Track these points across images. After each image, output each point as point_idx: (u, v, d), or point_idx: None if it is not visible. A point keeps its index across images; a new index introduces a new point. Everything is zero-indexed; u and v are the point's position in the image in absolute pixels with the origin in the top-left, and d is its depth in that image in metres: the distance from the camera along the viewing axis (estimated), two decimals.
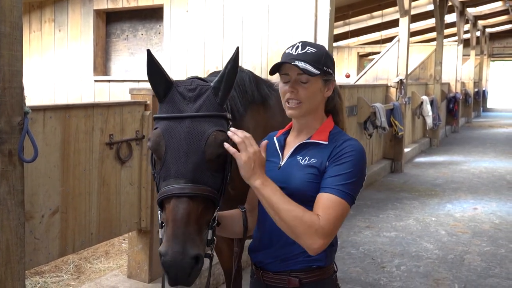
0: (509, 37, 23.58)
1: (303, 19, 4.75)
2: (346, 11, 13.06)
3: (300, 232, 1.61)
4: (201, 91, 1.73)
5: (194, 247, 1.57)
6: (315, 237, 1.60)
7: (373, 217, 6.14)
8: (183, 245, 1.56)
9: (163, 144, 1.67)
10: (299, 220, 1.60)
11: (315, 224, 1.60)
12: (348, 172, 1.69)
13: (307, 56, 1.75)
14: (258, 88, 2.48)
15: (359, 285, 4.12)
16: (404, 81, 9.01)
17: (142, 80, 6.23)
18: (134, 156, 3.46)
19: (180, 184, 1.61)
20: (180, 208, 1.59)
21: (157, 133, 1.69)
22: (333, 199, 1.65)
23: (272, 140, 1.94)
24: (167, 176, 1.65)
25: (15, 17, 2.18)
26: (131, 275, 3.66)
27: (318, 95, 1.80)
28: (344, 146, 1.74)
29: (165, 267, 1.58)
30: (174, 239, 1.57)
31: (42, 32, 7.00)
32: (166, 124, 1.69)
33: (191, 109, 1.70)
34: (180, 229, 1.57)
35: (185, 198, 1.60)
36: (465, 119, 18.56)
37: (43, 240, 2.84)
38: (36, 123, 2.72)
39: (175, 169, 1.63)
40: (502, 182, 8.29)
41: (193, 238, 1.59)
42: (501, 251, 5.00)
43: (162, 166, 1.67)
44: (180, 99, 1.72)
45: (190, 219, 1.59)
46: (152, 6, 6.21)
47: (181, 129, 1.66)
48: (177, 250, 1.55)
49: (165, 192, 1.63)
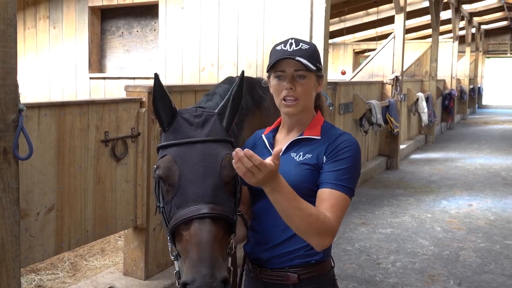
0: (504, 33, 23.66)
1: (299, 16, 4.75)
2: (342, 8, 13.05)
3: (314, 233, 1.61)
4: (207, 117, 1.71)
5: (222, 270, 1.47)
6: (326, 236, 1.62)
7: (369, 213, 6.16)
8: (211, 268, 1.44)
9: (176, 170, 1.60)
10: (313, 222, 1.58)
11: (327, 225, 1.61)
12: (348, 167, 1.71)
13: (303, 52, 1.75)
14: (252, 94, 2.44)
15: (355, 281, 4.13)
16: (400, 78, 9.02)
17: (137, 77, 6.22)
18: (129, 153, 3.45)
19: (199, 206, 1.53)
20: (204, 230, 1.50)
21: (168, 159, 1.62)
22: (337, 195, 1.67)
23: (261, 138, 1.93)
24: (184, 202, 1.56)
25: (9, 14, 2.17)
26: (127, 272, 3.66)
27: (312, 91, 1.81)
28: (341, 141, 1.75)
29: None
30: (201, 263, 1.45)
31: (37, 29, 6.97)
32: (177, 150, 1.63)
33: (200, 135, 1.66)
34: (206, 252, 1.47)
35: (209, 220, 1.52)
36: (460, 116, 18.59)
37: (38, 238, 2.83)
38: (31, 120, 2.71)
39: (193, 193, 1.56)
40: (497, 179, 8.32)
41: (220, 261, 1.49)
42: (496, 247, 5.02)
43: (176, 193, 1.59)
44: (187, 126, 1.68)
45: (215, 241, 1.51)
46: (147, 3, 6.19)
47: (194, 153, 1.62)
48: (206, 274, 1.43)
49: (183, 215, 1.53)
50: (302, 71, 1.75)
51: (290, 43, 1.78)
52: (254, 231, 1.87)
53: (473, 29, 19.01)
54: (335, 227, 1.64)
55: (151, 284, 3.57)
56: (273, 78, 1.81)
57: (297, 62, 1.73)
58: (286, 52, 1.75)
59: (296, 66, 1.74)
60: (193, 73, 5.48)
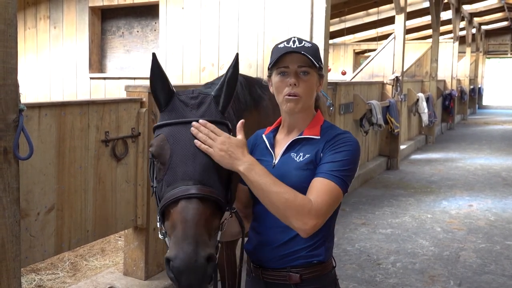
0: (505, 34, 23.66)
1: (299, 16, 4.75)
2: (342, 8, 13.05)
3: (292, 214, 1.60)
4: (203, 99, 1.73)
5: (206, 248, 1.48)
6: (307, 217, 1.60)
7: (369, 214, 6.15)
8: (195, 246, 1.46)
9: (168, 148, 1.63)
10: (291, 202, 1.59)
11: (307, 205, 1.61)
12: (343, 160, 1.70)
13: (306, 49, 1.75)
14: (250, 92, 2.44)
15: (355, 281, 4.13)
16: (400, 78, 9.02)
17: (138, 77, 6.22)
18: (130, 153, 3.45)
19: (188, 186, 1.55)
20: (190, 208, 1.52)
21: (161, 138, 1.65)
22: (326, 183, 1.66)
23: (261, 138, 1.93)
24: (173, 180, 1.59)
25: (9, 14, 2.17)
26: (127, 272, 3.66)
27: (314, 89, 1.81)
28: (340, 138, 1.75)
29: (175, 273, 1.45)
30: (184, 240, 1.47)
31: (37, 29, 6.97)
32: (170, 130, 1.66)
33: (195, 115, 1.68)
34: (191, 230, 1.48)
35: (195, 199, 1.54)
36: (460, 116, 18.59)
37: (38, 238, 2.83)
38: (31, 120, 2.71)
39: (182, 171, 1.58)
40: (498, 179, 8.32)
41: (205, 239, 1.50)
42: (496, 247, 5.02)
43: (166, 171, 1.61)
44: (183, 107, 1.70)
45: (201, 220, 1.52)
46: (147, 3, 6.20)
47: (186, 133, 1.64)
48: (189, 251, 1.44)
49: (172, 195, 1.55)
50: (305, 67, 1.75)
51: (293, 40, 1.78)
52: (255, 232, 1.86)
53: (474, 30, 19.01)
54: (317, 208, 1.61)
55: (151, 284, 3.57)
56: (275, 75, 1.80)
57: (301, 57, 1.73)
58: (289, 49, 1.75)
59: (300, 62, 1.74)
60: (193, 73, 5.49)
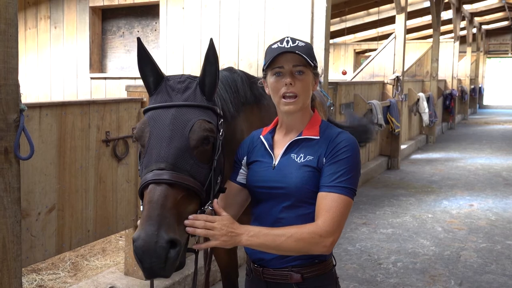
0: (505, 34, 23.64)
1: (300, 16, 4.75)
2: (343, 8, 13.05)
3: (309, 247, 1.64)
4: (189, 84, 1.76)
5: (169, 231, 1.46)
6: (322, 242, 1.63)
7: (370, 213, 6.15)
8: (157, 227, 1.44)
9: (147, 131, 1.66)
10: (301, 239, 1.62)
11: (317, 232, 1.63)
12: (347, 168, 1.70)
13: (300, 48, 1.75)
14: (251, 88, 2.45)
15: (356, 281, 4.12)
16: (401, 78, 9.02)
17: (138, 77, 6.20)
18: (130, 153, 3.45)
19: (161, 171, 1.56)
20: (157, 190, 1.52)
21: (143, 121, 1.70)
22: (335, 198, 1.67)
23: (259, 139, 1.92)
24: (149, 162, 1.61)
25: (10, 14, 2.17)
26: (128, 272, 3.66)
27: (310, 88, 1.81)
28: (339, 141, 1.74)
29: (137, 254, 1.45)
30: (147, 221, 1.46)
31: (38, 29, 6.97)
32: (153, 113, 1.69)
33: (179, 99, 1.71)
34: (155, 211, 1.47)
35: (164, 184, 1.54)
36: (461, 116, 18.59)
37: (39, 238, 2.83)
38: (32, 120, 2.71)
39: (156, 153, 1.60)
40: (498, 179, 8.32)
41: (170, 222, 1.48)
42: (497, 247, 5.01)
43: (145, 153, 1.64)
44: (169, 91, 1.73)
45: (166, 202, 1.51)
46: (148, 3, 6.20)
47: (166, 116, 1.66)
48: (150, 232, 1.43)
49: (144, 180, 1.57)
50: (300, 67, 1.75)
51: (287, 40, 1.78)
52: None
53: (474, 29, 19.00)
54: (328, 229, 1.64)
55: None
56: (270, 76, 1.79)
57: (295, 57, 1.73)
58: (283, 49, 1.75)
59: (294, 61, 1.74)
60: (194, 73, 5.44)
